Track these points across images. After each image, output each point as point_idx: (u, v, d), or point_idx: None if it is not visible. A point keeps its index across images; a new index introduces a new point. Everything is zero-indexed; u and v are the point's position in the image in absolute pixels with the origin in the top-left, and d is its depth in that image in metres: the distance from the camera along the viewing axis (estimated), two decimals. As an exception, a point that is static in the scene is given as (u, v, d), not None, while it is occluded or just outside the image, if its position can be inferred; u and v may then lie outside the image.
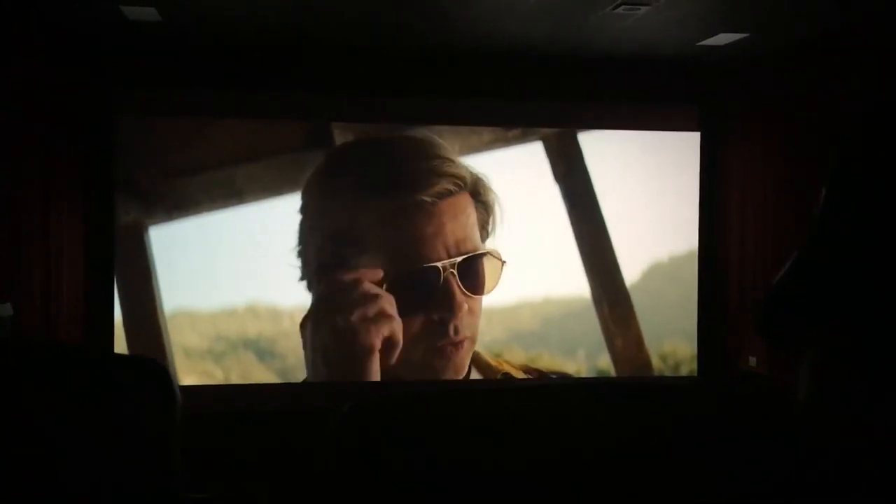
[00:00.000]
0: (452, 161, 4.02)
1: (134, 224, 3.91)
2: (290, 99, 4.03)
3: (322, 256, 3.94)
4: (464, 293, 3.98)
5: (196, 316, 4.03)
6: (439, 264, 3.94)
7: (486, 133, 4.15)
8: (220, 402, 3.96)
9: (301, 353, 4.08)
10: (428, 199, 3.93)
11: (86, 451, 1.21)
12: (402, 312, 3.93)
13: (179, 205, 3.95)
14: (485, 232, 4.07)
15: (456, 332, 3.99)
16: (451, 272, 3.95)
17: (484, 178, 4.08)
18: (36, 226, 3.39)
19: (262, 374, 4.10)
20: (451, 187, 3.97)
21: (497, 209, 4.09)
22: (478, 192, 4.06)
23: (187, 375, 4.02)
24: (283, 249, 3.97)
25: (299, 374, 4.08)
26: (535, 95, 4.18)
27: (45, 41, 3.42)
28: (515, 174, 4.17)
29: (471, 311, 4.02)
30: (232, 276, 4.01)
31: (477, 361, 4.15)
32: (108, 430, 1.21)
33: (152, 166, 3.91)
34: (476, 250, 4.02)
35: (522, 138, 4.21)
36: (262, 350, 4.12)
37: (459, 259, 3.97)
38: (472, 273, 4.01)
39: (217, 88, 3.97)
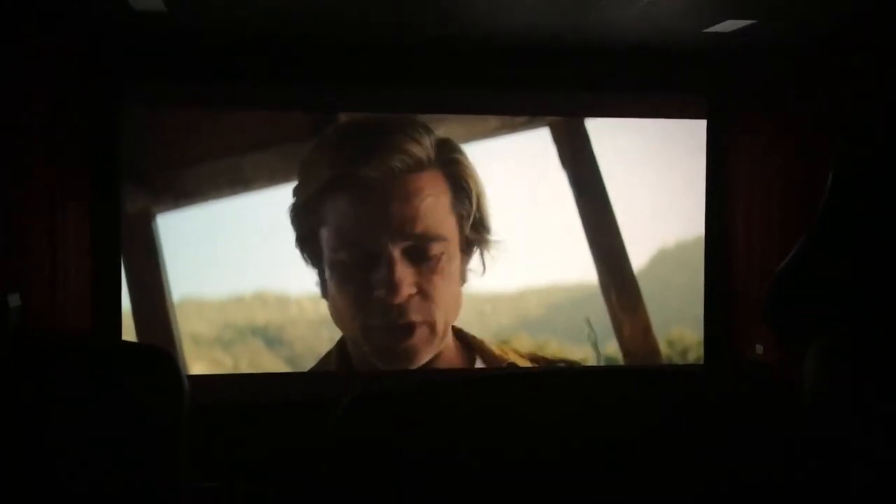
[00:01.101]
0: (416, 140, 3.95)
1: (141, 213, 3.92)
2: (296, 90, 4.03)
3: (297, 226, 3.96)
4: (407, 273, 3.92)
5: (204, 304, 4.05)
6: (382, 242, 3.90)
7: (493, 120, 4.14)
8: (229, 392, 3.98)
9: (309, 340, 4.10)
10: (374, 175, 3.89)
11: (94, 439, 1.22)
12: (350, 289, 3.93)
13: (187, 193, 3.96)
14: (463, 218, 4.02)
15: (401, 314, 3.93)
16: (392, 251, 3.90)
17: (466, 163, 4.02)
18: (43, 216, 3.40)
19: (270, 362, 4.12)
20: (400, 165, 3.90)
21: (482, 196, 4.04)
22: (455, 176, 4.01)
23: (196, 363, 4.04)
24: (291, 237, 3.99)
25: (307, 361, 4.10)
26: (542, 84, 4.16)
27: (52, 31, 3.42)
28: (522, 160, 4.16)
29: (422, 294, 3.95)
30: (239, 263, 4.03)
31: (481, 350, 4.15)
32: (115, 419, 1.22)
33: (159, 155, 3.92)
34: (434, 232, 3.95)
35: (529, 124, 4.19)
36: (271, 337, 4.14)
37: (406, 240, 3.92)
38: (423, 255, 3.94)
39: (223, 79, 3.97)
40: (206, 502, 3.27)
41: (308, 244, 3.98)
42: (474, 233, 4.04)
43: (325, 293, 4.02)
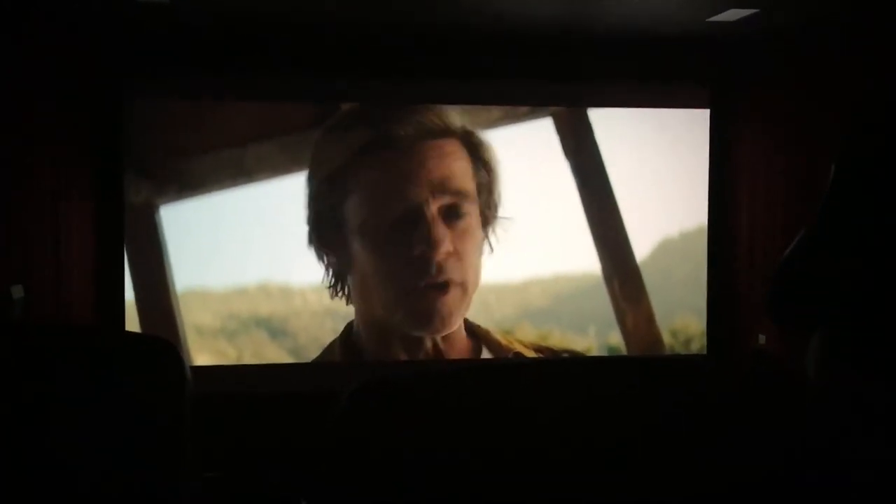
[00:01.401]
0: (442, 112, 4.00)
1: (144, 204, 3.92)
2: (298, 81, 4.02)
3: (317, 203, 3.96)
4: (446, 230, 3.93)
5: (208, 295, 4.05)
6: (423, 198, 3.91)
7: (496, 110, 4.13)
8: (232, 382, 3.99)
9: (312, 331, 4.11)
10: (408, 134, 3.91)
11: (96, 432, 1.22)
12: (384, 252, 3.93)
13: (190, 184, 3.96)
14: (482, 189, 4.03)
15: (439, 271, 3.94)
16: (431, 208, 3.91)
17: (482, 136, 4.05)
18: (46, 207, 3.40)
19: (274, 353, 4.13)
20: (430, 125, 3.95)
21: (497, 169, 4.06)
22: (474, 147, 4.03)
23: (200, 354, 4.05)
24: (294, 228, 3.98)
25: (311, 352, 4.11)
26: (545, 74, 4.15)
27: (55, 22, 3.42)
28: (525, 150, 4.16)
29: (457, 255, 3.96)
30: (243, 255, 4.03)
31: (487, 340, 4.16)
32: (118, 410, 1.22)
33: (162, 146, 3.92)
34: (467, 190, 3.98)
35: (532, 114, 4.19)
36: (275, 329, 4.15)
37: (443, 197, 3.94)
38: (457, 214, 3.96)
39: (226, 70, 3.97)
40: (210, 492, 3.29)
41: (326, 224, 3.96)
42: (487, 207, 4.06)
43: (339, 277, 4.00)
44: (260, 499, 3.43)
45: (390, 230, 3.93)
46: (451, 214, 3.96)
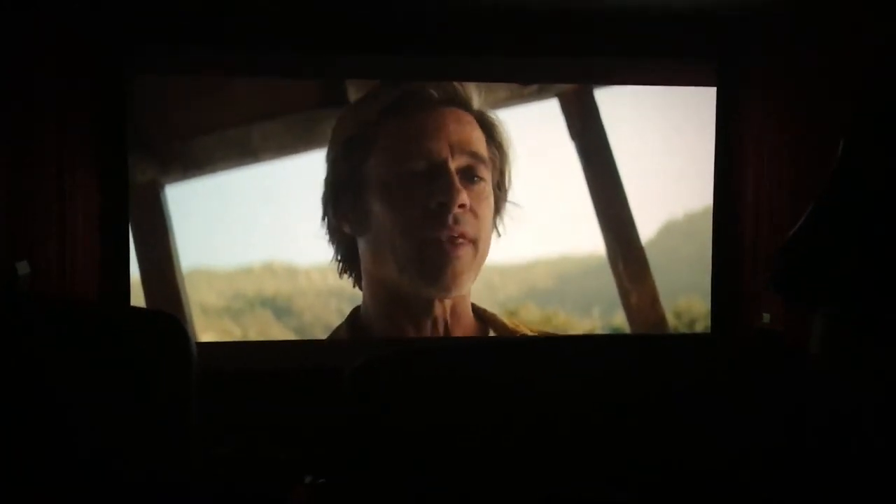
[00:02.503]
0: (463, 85, 4.06)
1: (150, 183, 3.93)
2: (304, 56, 4.01)
3: (337, 169, 4.00)
4: (463, 189, 3.97)
5: (213, 274, 4.06)
6: (441, 156, 3.96)
7: (502, 90, 4.12)
8: (238, 359, 4.01)
9: (317, 311, 4.12)
10: (432, 97, 4.00)
11: (103, 405, 1.23)
12: (402, 206, 3.97)
13: (195, 163, 3.96)
14: (494, 165, 4.07)
15: (455, 222, 3.97)
16: (451, 164, 3.96)
17: (500, 125, 4.09)
18: (51, 184, 3.41)
19: (279, 332, 4.14)
20: (455, 96, 4.03)
21: (509, 150, 4.09)
22: (487, 126, 4.07)
23: (205, 333, 4.07)
24: (300, 208, 3.99)
25: (316, 331, 4.12)
26: (551, 51, 4.13)
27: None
28: (531, 131, 4.15)
29: (473, 212, 4.00)
30: (248, 234, 4.04)
31: (494, 323, 4.17)
32: (124, 384, 1.23)
33: (167, 124, 3.92)
34: (483, 155, 4.04)
35: (538, 95, 4.18)
36: (280, 308, 4.16)
37: (462, 157, 3.99)
38: (473, 175, 4.01)
39: (230, 46, 3.95)
40: (217, 468, 3.31)
41: (346, 187, 3.99)
42: (498, 188, 4.09)
43: (349, 256, 4.04)
44: (266, 475, 3.45)
45: (411, 183, 3.97)
46: (469, 175, 4.00)
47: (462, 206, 3.96)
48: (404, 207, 3.97)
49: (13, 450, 1.21)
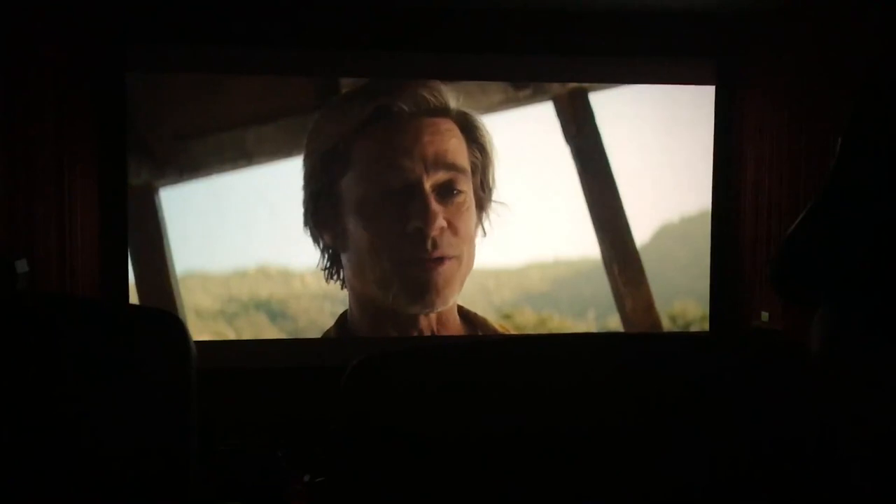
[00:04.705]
0: (439, 90, 4.00)
1: (145, 186, 3.92)
2: (297, 54, 4.00)
3: (314, 182, 3.96)
4: (440, 206, 3.94)
5: (207, 277, 4.05)
6: (418, 173, 3.92)
7: (496, 94, 4.12)
8: (234, 358, 4.00)
9: (312, 314, 4.11)
10: (405, 110, 3.93)
11: (103, 402, 1.22)
12: (379, 227, 3.94)
13: (190, 166, 3.96)
14: (476, 169, 4.04)
15: (434, 246, 3.94)
16: (426, 183, 3.92)
17: (477, 117, 4.05)
18: (51, 185, 3.40)
19: (273, 335, 4.13)
20: (429, 102, 3.96)
21: (492, 152, 4.06)
22: (468, 128, 4.03)
23: (200, 336, 4.05)
24: (293, 211, 3.98)
25: (310, 335, 4.12)
26: (546, 50, 4.12)
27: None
28: (526, 134, 4.15)
29: (453, 229, 3.96)
30: (243, 237, 4.03)
31: (485, 328, 4.17)
32: (124, 381, 1.22)
33: (162, 127, 3.91)
34: (462, 166, 3.99)
35: (533, 98, 4.18)
36: (274, 311, 4.15)
37: (437, 172, 3.94)
38: (451, 190, 3.97)
39: (224, 43, 3.94)
40: (217, 466, 3.30)
41: (323, 201, 3.96)
42: (481, 189, 4.06)
43: (334, 260, 4.01)
44: (265, 473, 3.44)
45: (385, 204, 3.93)
46: (446, 190, 3.96)
47: (440, 228, 3.94)
48: (381, 228, 3.95)
49: (13, 447, 1.21)
